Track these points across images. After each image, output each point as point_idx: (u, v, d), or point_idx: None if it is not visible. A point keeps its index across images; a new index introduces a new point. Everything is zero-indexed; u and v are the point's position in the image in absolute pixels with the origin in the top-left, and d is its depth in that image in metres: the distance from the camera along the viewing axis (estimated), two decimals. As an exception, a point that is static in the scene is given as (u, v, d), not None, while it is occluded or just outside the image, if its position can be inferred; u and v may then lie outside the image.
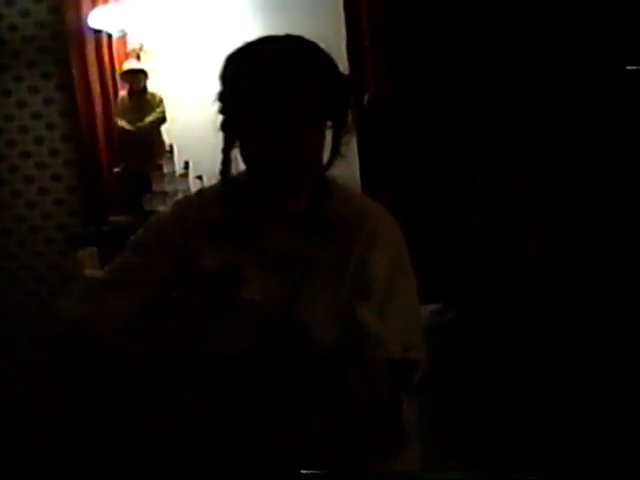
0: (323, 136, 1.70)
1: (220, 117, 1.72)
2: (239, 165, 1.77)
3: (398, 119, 3.62)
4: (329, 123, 1.70)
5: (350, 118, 1.72)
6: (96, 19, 4.01)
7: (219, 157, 1.76)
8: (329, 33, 3.61)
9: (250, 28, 3.90)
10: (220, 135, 1.74)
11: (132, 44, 4.07)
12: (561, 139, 3.37)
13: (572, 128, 3.35)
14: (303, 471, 1.41)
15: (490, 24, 3.43)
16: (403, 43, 3.61)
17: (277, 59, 1.64)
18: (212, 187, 1.86)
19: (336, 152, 1.72)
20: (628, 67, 3.16)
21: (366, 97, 3.61)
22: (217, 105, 1.72)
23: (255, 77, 1.63)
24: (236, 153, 1.74)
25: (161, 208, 3.61)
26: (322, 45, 1.69)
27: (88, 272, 3.65)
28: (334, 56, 1.70)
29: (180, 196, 3.70)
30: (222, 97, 1.72)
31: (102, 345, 1.66)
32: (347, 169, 1.80)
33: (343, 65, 1.75)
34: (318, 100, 1.64)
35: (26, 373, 3.96)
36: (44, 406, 3.18)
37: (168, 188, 3.96)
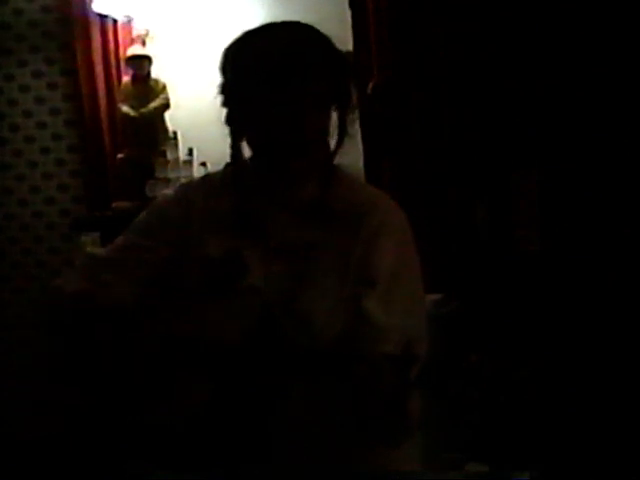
0: (328, 119, 1.70)
1: (224, 111, 1.72)
2: (244, 154, 1.77)
3: (401, 109, 3.62)
4: (333, 106, 1.70)
5: (354, 98, 1.71)
6: (101, 4, 4.00)
7: (224, 144, 1.76)
8: (334, 21, 3.61)
9: (255, 15, 3.89)
10: (225, 124, 1.74)
11: (137, 30, 4.07)
12: (563, 132, 3.37)
13: (575, 121, 3.34)
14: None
15: (492, 20, 3.42)
16: (407, 35, 3.60)
17: (277, 44, 1.63)
18: (218, 173, 1.85)
19: (343, 132, 1.72)
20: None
21: (370, 86, 3.60)
22: (220, 99, 1.71)
23: (256, 64, 1.63)
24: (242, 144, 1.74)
25: (167, 192, 3.60)
26: (327, 33, 1.69)
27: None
28: (339, 45, 1.70)
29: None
30: (224, 89, 1.71)
31: (102, 321, 1.66)
32: (351, 159, 1.79)
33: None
34: (321, 82, 1.64)
35: (27, 357, 3.97)
36: (45, 390, 3.18)
37: (171, 175, 3.96)
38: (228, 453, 1.54)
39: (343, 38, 3.43)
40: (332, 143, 1.73)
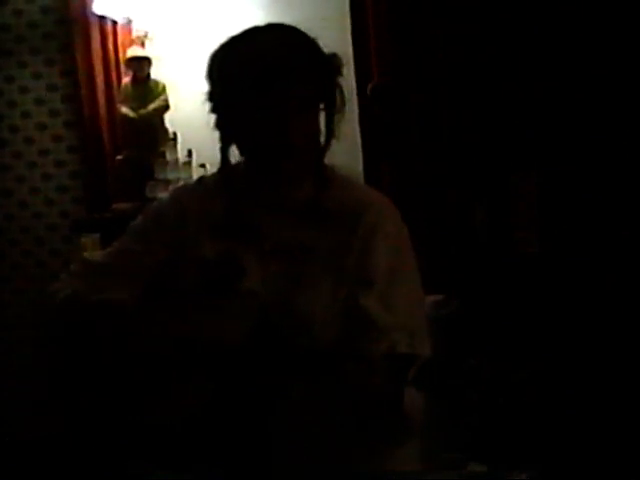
0: (317, 120, 1.71)
1: (214, 116, 1.73)
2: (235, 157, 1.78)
3: (401, 110, 3.62)
4: (321, 106, 1.71)
5: (339, 98, 1.72)
6: (101, 5, 4.00)
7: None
8: (334, 23, 3.62)
9: (254, 17, 3.89)
10: (215, 129, 1.75)
11: (137, 31, 4.07)
12: (562, 135, 3.37)
13: (574, 124, 3.35)
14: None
15: (492, 22, 3.43)
16: (406, 37, 3.60)
17: (261, 48, 1.65)
18: (213, 175, 1.86)
19: (331, 134, 1.72)
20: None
21: (369, 87, 3.60)
22: (208, 105, 1.73)
23: (241, 68, 1.64)
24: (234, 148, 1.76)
25: (163, 196, 3.61)
26: (327, 36, 1.70)
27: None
28: (339, 47, 1.71)
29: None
30: (212, 96, 1.72)
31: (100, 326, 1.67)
32: (351, 162, 1.80)
33: (348, 56, 1.75)
34: (306, 85, 1.64)
35: (26, 359, 3.98)
36: (44, 393, 3.19)
37: (171, 176, 3.96)
38: (228, 453, 1.54)
39: (342, 40, 3.47)
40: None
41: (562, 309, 3.25)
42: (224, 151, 1.76)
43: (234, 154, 1.77)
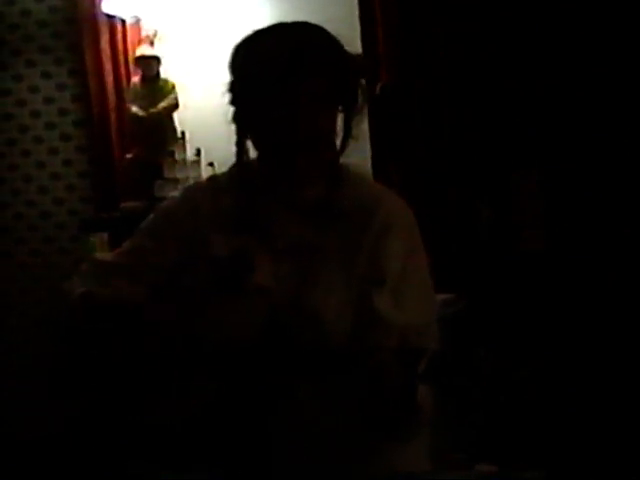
0: (335, 120, 1.70)
1: (231, 109, 1.72)
2: (251, 153, 1.77)
3: (409, 109, 3.62)
4: (340, 107, 1.71)
5: (360, 100, 1.71)
6: (110, 4, 4.01)
7: (231, 144, 1.76)
8: (343, 22, 3.61)
9: (263, 15, 3.89)
10: (232, 122, 1.74)
11: (146, 30, 4.07)
12: (563, 132, 3.37)
13: (575, 121, 3.35)
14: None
15: (492, 20, 3.43)
16: (412, 35, 3.60)
17: (286, 45, 1.64)
18: (224, 174, 1.85)
19: (348, 134, 1.72)
20: None
21: (378, 87, 3.60)
22: (228, 96, 1.72)
23: (265, 63, 1.64)
24: (249, 143, 1.75)
25: (172, 194, 3.61)
26: (335, 33, 1.69)
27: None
28: (347, 47, 1.71)
29: (191, 183, 3.71)
30: (232, 87, 1.72)
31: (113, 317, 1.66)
32: (359, 159, 1.79)
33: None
34: (324, 83, 1.64)
35: (27, 359, 4.00)
36: (44, 393, 3.19)
37: (179, 175, 3.97)
38: (228, 453, 1.54)
39: (351, 38, 3.46)
40: (339, 144, 1.74)
41: (564, 306, 3.24)
42: (240, 145, 1.75)
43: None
